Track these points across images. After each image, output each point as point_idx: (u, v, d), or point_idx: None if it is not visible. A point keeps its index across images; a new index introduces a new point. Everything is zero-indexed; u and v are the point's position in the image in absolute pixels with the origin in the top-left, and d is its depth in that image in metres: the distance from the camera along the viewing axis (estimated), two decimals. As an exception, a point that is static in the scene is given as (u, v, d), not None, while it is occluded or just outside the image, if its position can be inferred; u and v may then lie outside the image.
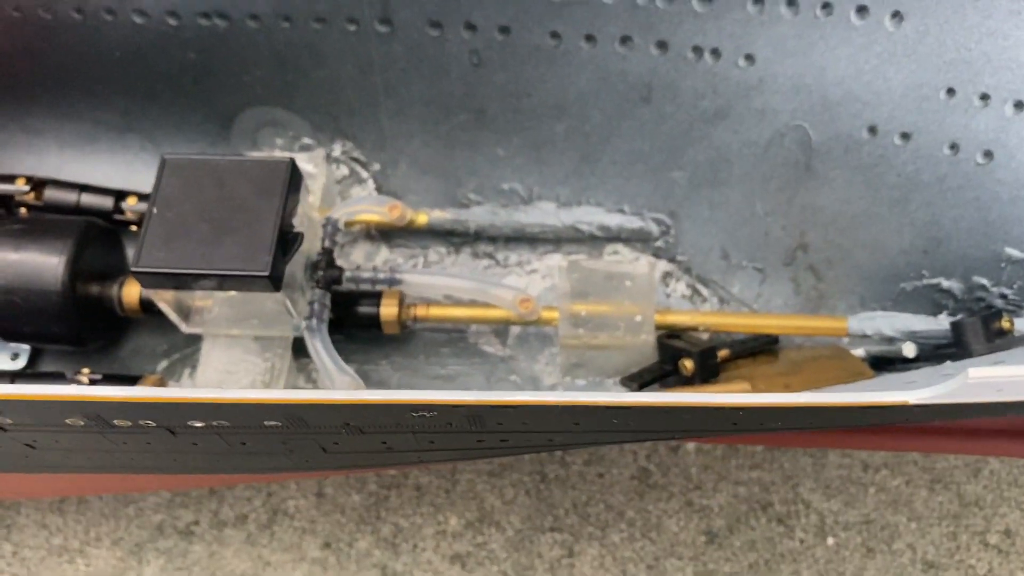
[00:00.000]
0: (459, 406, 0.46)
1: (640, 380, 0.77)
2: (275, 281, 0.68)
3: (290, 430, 0.52)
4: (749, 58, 0.74)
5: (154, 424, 0.52)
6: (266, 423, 0.51)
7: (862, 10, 0.69)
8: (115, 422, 0.52)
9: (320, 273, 0.76)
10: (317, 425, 0.51)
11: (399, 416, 0.49)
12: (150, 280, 0.69)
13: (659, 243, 0.85)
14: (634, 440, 0.70)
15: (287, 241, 0.70)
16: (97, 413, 0.50)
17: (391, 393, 0.46)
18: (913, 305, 0.80)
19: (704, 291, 0.85)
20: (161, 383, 0.79)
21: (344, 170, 0.89)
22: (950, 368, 0.64)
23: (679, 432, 0.63)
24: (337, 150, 0.88)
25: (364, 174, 0.89)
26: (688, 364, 0.75)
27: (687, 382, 0.76)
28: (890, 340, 0.78)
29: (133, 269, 0.68)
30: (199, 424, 0.51)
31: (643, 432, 0.57)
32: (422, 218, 0.86)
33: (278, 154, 0.89)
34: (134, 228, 0.86)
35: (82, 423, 0.52)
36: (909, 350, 0.76)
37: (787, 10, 0.71)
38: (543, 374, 0.83)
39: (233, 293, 0.71)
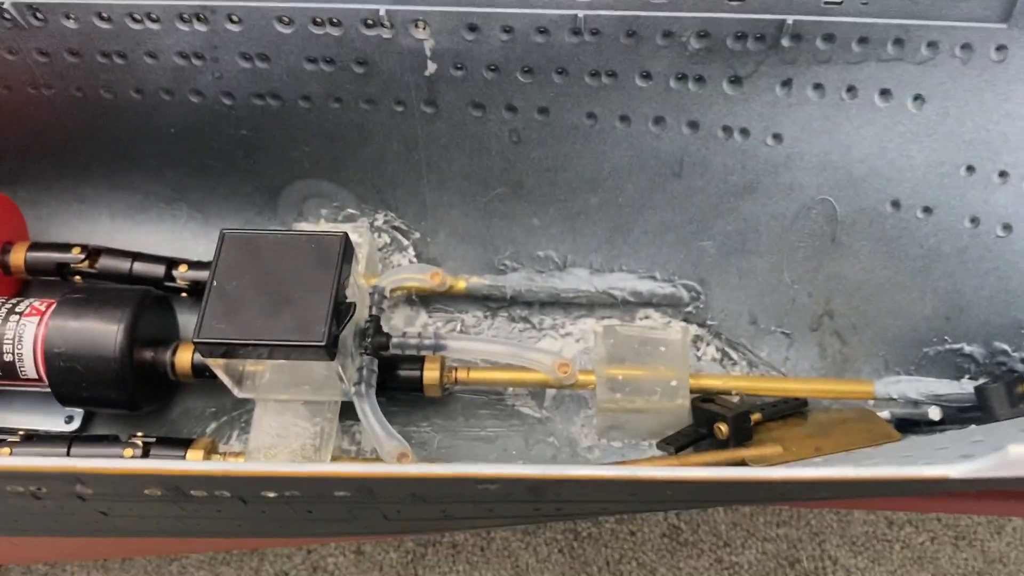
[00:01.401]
0: (523, 479, 0.49)
1: (676, 443, 0.79)
2: (330, 350, 0.71)
3: (357, 500, 0.55)
4: (777, 137, 0.78)
5: (229, 495, 0.55)
6: (336, 493, 0.54)
7: (885, 93, 0.73)
8: (192, 492, 0.55)
9: (368, 340, 0.79)
10: (384, 496, 0.54)
11: (464, 488, 0.52)
12: (211, 350, 0.72)
13: (689, 308, 0.89)
14: (683, 508, 0.73)
15: (340, 311, 0.74)
16: (176, 485, 0.53)
17: (461, 467, 0.49)
18: (936, 369, 0.83)
19: (733, 354, 0.88)
20: (212, 446, 0.82)
21: (386, 238, 0.93)
22: (978, 434, 0.67)
23: (728, 501, 0.66)
24: (380, 219, 0.92)
25: (405, 242, 0.93)
26: (723, 428, 0.78)
27: (721, 445, 0.79)
28: (915, 403, 0.81)
29: (195, 340, 0.71)
30: (272, 494, 0.54)
31: (694, 501, 0.60)
32: (461, 284, 0.89)
33: (324, 224, 0.92)
34: (184, 295, 0.89)
35: (159, 493, 0.55)
36: (935, 413, 0.79)
37: (813, 93, 0.75)
38: (580, 436, 0.85)
39: (286, 360, 0.75)
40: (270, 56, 0.80)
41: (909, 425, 0.82)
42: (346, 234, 0.75)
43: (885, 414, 0.83)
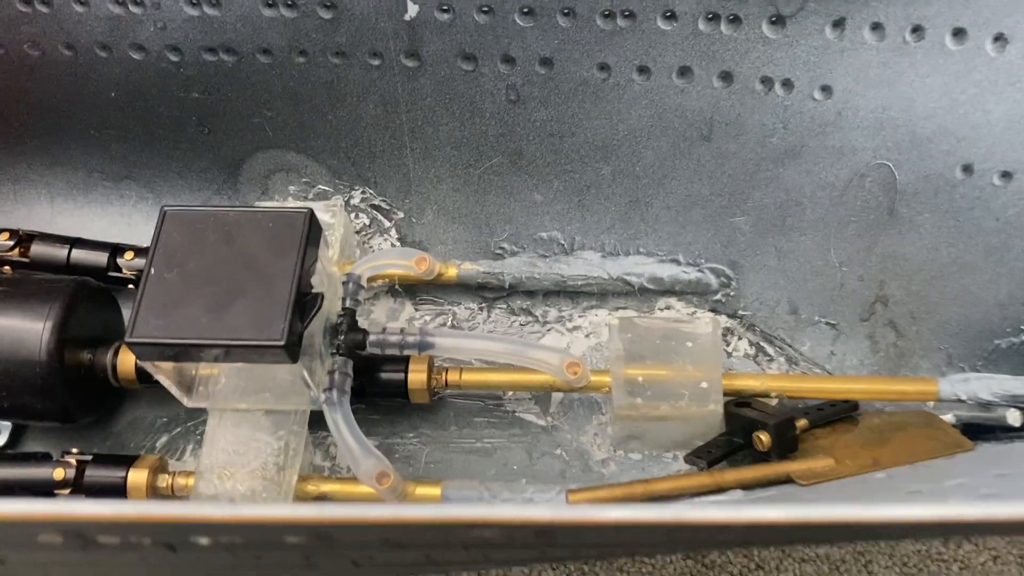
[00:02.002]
0: (529, 524, 0.37)
1: (708, 457, 0.67)
2: (292, 351, 0.59)
3: (316, 547, 0.43)
4: (826, 90, 0.65)
5: (149, 541, 0.43)
6: (288, 540, 0.42)
7: (959, 33, 0.61)
8: (100, 539, 0.42)
9: (341, 338, 0.67)
10: (349, 542, 0.42)
11: (451, 533, 0.40)
12: (147, 352, 0.60)
13: (718, 297, 0.76)
14: (734, 548, 0.61)
15: (304, 304, 0.61)
16: (77, 531, 0.41)
17: (447, 509, 0.37)
18: (1009, 364, 0.71)
19: (770, 349, 0.76)
20: (160, 464, 0.69)
21: (364, 219, 0.81)
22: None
23: (785, 543, 0.53)
24: (356, 197, 0.80)
25: (387, 223, 0.80)
26: (764, 438, 0.65)
27: (762, 457, 0.67)
28: (987, 405, 0.69)
29: (127, 340, 0.59)
30: (205, 541, 0.42)
31: (753, 542, 0.48)
32: (451, 271, 0.77)
33: (292, 203, 0.80)
34: (132, 287, 0.77)
35: (60, 540, 0.42)
36: (1014, 418, 0.67)
37: (871, 35, 0.63)
38: (592, 447, 0.73)
39: (243, 364, 0.62)
40: (221, 1, 0.67)
41: (979, 431, 0.70)
42: (311, 211, 0.63)
43: (949, 417, 0.71)
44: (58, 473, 0.68)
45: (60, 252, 0.77)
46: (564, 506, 0.36)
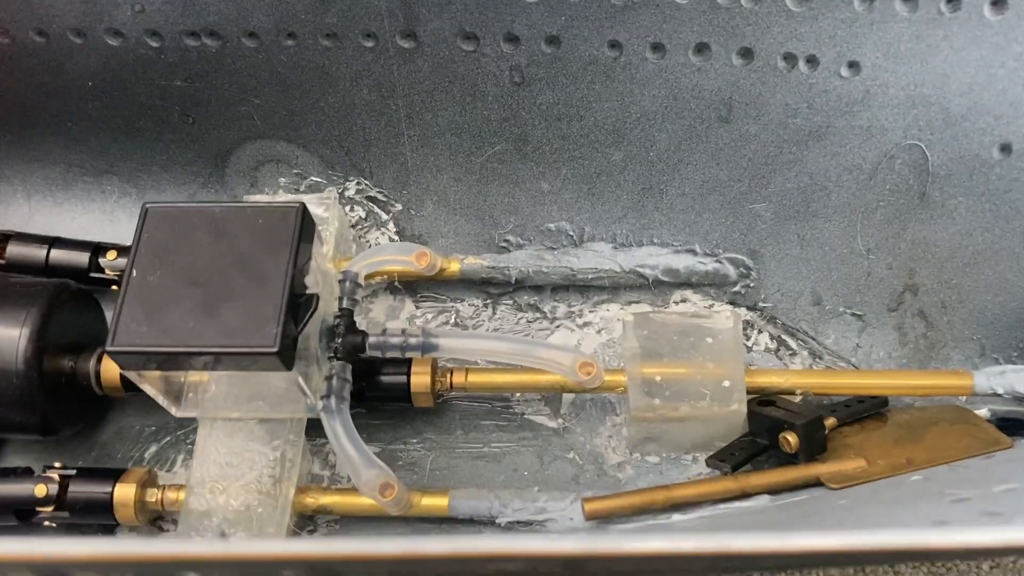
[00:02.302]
0: (558, 558, 0.33)
1: (733, 460, 0.63)
2: (286, 357, 0.55)
3: (317, 580, 0.39)
4: (853, 66, 0.61)
5: (133, 579, 0.39)
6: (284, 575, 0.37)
7: (999, 2, 0.57)
8: (79, 578, 0.38)
9: (338, 340, 0.62)
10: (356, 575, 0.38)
11: (470, 566, 0.36)
12: (131, 361, 0.56)
13: (737, 288, 0.72)
14: (773, 571, 0.57)
15: (299, 306, 0.57)
16: (53, 571, 0.37)
17: (464, 542, 0.33)
18: (1047, 355, 0.67)
19: (792, 343, 0.72)
20: (150, 478, 0.65)
21: (360, 212, 0.76)
22: None
23: (842, 564, 0.49)
24: (351, 189, 0.75)
25: (384, 216, 0.76)
26: (791, 439, 0.62)
27: (789, 459, 0.63)
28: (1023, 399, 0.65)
29: (108, 349, 0.55)
30: (194, 578, 0.38)
31: (801, 566, 0.44)
32: (454, 266, 0.72)
33: (282, 196, 0.76)
34: (115, 288, 0.72)
35: (35, 579, 0.38)
36: (1056, 413, 0.63)
37: (903, 6, 0.58)
38: (606, 450, 0.69)
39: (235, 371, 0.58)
40: (202, -20, 0.63)
41: (1017, 426, 0.66)
42: (303, 205, 0.58)
43: (983, 412, 0.67)
44: (40, 490, 0.63)
45: (38, 253, 0.73)
46: (595, 537, 0.32)
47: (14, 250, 0.73)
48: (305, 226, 0.59)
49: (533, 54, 0.64)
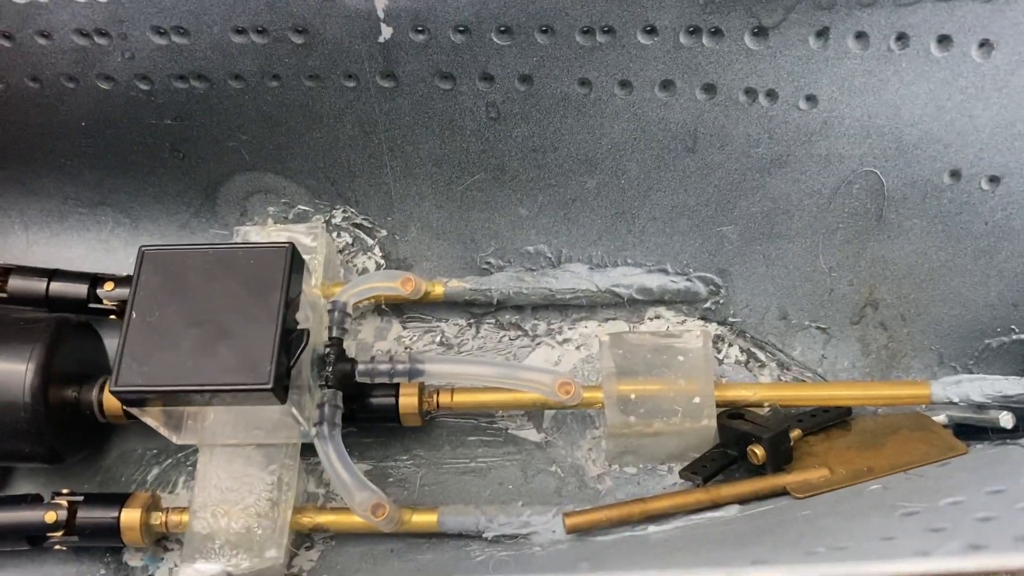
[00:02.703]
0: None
1: (704, 472, 0.67)
2: (279, 392, 0.58)
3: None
4: (811, 99, 0.65)
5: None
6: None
7: (944, 40, 0.60)
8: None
9: (329, 369, 0.66)
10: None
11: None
12: (133, 399, 0.59)
13: (708, 305, 0.76)
14: None
15: (291, 342, 0.60)
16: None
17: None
18: (999, 363, 0.71)
19: (761, 355, 0.76)
20: (153, 501, 0.69)
21: (347, 237, 0.79)
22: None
23: None
24: (338, 216, 0.79)
25: (369, 241, 0.79)
26: (759, 451, 0.65)
27: (757, 470, 0.66)
28: (979, 406, 0.69)
29: (112, 389, 0.58)
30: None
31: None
32: (438, 289, 0.76)
33: (271, 224, 0.78)
34: (113, 317, 0.75)
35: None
36: (1006, 420, 0.67)
37: (855, 44, 0.61)
38: (587, 462, 0.73)
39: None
40: (189, 29, 0.66)
41: (971, 432, 0.70)
42: (292, 246, 0.62)
43: (941, 418, 0.71)
44: (50, 516, 0.67)
45: (38, 285, 0.75)
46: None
47: (15, 283, 0.75)
48: (294, 265, 0.62)
49: (508, 91, 0.67)
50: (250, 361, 0.58)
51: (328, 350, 0.66)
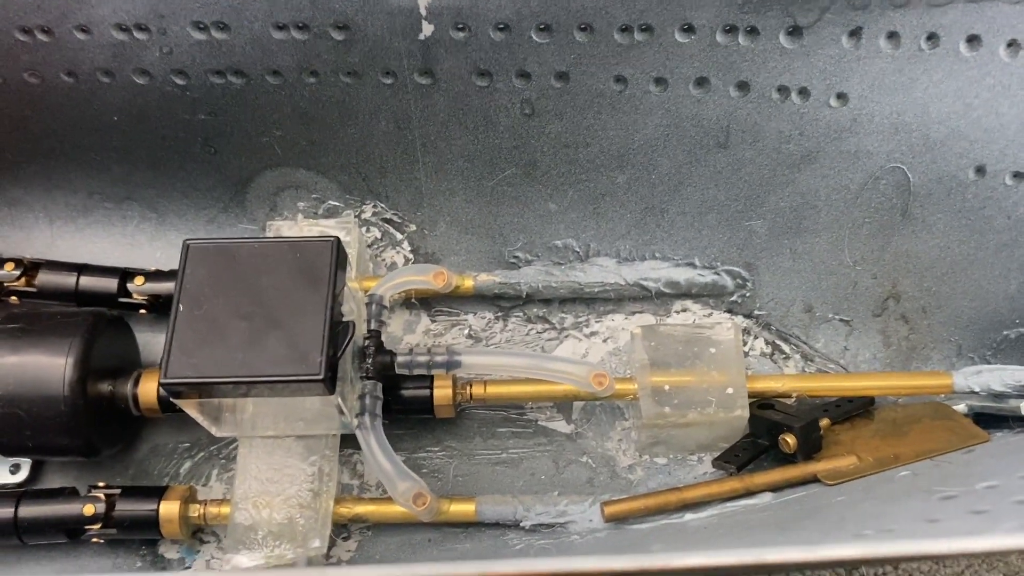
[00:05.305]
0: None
1: (737, 460, 0.69)
2: (330, 383, 0.59)
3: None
4: (841, 97, 0.66)
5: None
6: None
7: (973, 40, 0.62)
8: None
9: (369, 361, 0.66)
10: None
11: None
12: (184, 392, 0.60)
13: (734, 298, 0.77)
14: None
15: (337, 334, 0.61)
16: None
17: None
18: (1017, 354, 0.73)
19: (785, 347, 0.77)
20: (190, 494, 0.69)
21: (376, 232, 0.80)
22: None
23: None
24: (368, 211, 0.79)
25: (399, 236, 0.80)
26: (790, 440, 0.67)
27: (787, 458, 0.68)
28: (998, 395, 0.71)
29: (162, 381, 0.58)
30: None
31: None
32: (467, 283, 0.77)
33: (302, 220, 0.79)
34: (143, 312, 0.76)
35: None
36: (1027, 409, 0.69)
37: (887, 44, 0.63)
38: (618, 453, 0.74)
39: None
40: (229, 24, 0.66)
41: (991, 420, 0.72)
42: (337, 239, 0.62)
43: (961, 407, 0.73)
44: (88, 509, 0.67)
45: (68, 280, 0.75)
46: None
47: (44, 278, 0.75)
48: (340, 258, 0.63)
49: (543, 88, 0.69)
50: (300, 352, 0.59)
51: (367, 342, 0.67)
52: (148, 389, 0.70)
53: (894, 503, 0.57)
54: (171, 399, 0.61)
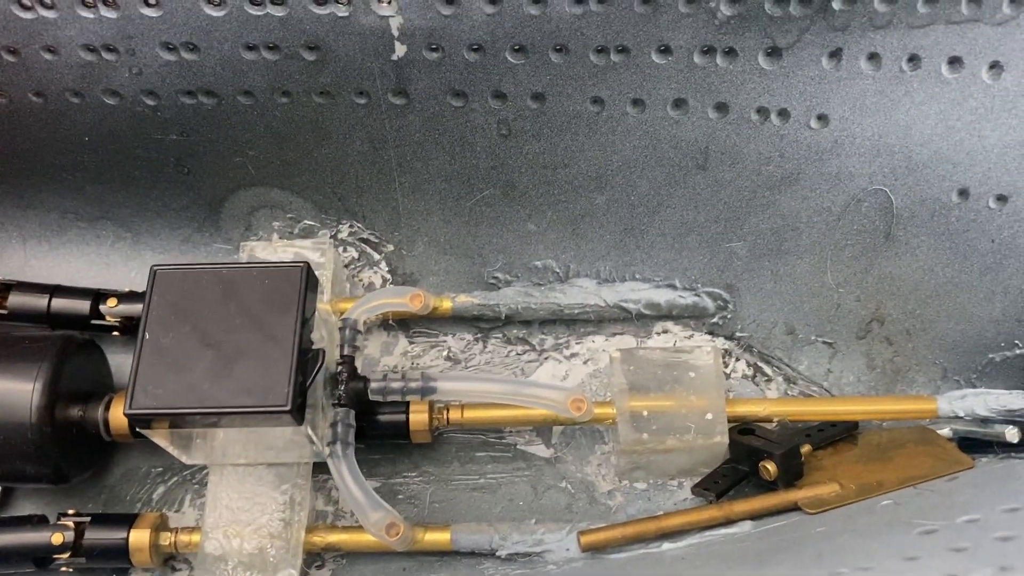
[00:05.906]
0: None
1: (717, 488, 0.67)
2: (297, 414, 0.58)
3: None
4: (822, 119, 0.65)
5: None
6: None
7: (955, 62, 0.61)
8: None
9: (342, 388, 0.65)
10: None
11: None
12: (149, 422, 0.59)
13: (715, 319, 0.76)
14: None
15: (307, 363, 0.60)
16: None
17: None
18: (1002, 377, 0.72)
19: (768, 370, 0.76)
20: (161, 521, 0.68)
21: (353, 252, 0.79)
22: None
23: None
24: (344, 231, 0.78)
25: (376, 256, 0.79)
26: (771, 467, 0.66)
27: (768, 486, 0.67)
28: (984, 420, 0.70)
29: (127, 412, 0.57)
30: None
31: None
32: (446, 304, 0.76)
33: (276, 240, 0.78)
34: (116, 334, 0.74)
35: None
36: (1012, 435, 0.68)
37: (867, 65, 0.62)
38: (597, 478, 0.73)
39: (244, 424, 0.61)
40: (199, 45, 0.65)
41: (975, 445, 0.71)
42: (307, 264, 0.61)
43: (945, 432, 0.72)
44: (56, 538, 0.66)
45: (39, 301, 0.74)
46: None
47: (16, 299, 0.74)
48: (310, 284, 0.61)
49: (520, 109, 0.67)
50: (267, 383, 0.57)
51: (340, 368, 0.66)
52: (119, 414, 0.69)
53: (873, 537, 0.56)
54: (137, 430, 0.60)
